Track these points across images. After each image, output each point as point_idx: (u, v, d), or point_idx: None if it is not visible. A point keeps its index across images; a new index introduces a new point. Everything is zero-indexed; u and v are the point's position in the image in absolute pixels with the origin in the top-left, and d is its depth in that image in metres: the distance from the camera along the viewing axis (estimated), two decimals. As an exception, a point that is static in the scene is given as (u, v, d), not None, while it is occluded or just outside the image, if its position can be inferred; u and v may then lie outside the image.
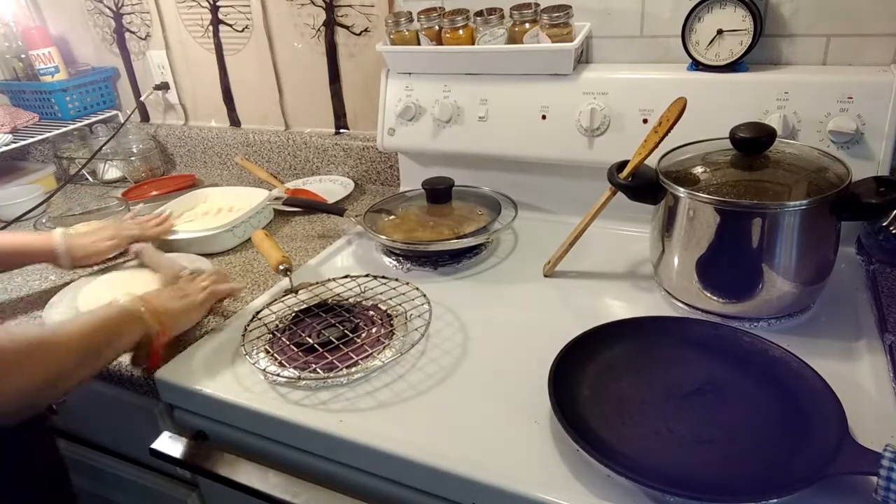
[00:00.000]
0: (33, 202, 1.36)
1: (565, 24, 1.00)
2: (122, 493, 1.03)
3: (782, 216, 0.72)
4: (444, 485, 0.62)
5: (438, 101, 1.11)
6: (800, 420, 0.61)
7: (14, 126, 1.50)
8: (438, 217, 1.05)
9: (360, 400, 0.71)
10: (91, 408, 0.96)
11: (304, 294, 0.91)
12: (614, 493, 0.57)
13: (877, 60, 0.90)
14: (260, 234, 0.99)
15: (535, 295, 0.90)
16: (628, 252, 0.98)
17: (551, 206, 1.13)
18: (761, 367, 0.68)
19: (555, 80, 1.03)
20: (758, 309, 0.77)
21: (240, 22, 1.41)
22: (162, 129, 1.63)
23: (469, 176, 1.15)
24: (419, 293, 0.87)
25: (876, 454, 0.53)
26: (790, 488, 0.53)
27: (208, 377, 0.78)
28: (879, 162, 0.86)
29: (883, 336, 0.73)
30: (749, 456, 0.58)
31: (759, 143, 0.77)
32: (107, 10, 1.57)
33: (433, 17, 1.07)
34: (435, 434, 0.66)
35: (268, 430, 0.73)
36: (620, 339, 0.74)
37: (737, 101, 0.92)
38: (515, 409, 0.67)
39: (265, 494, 0.69)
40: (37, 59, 1.52)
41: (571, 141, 1.03)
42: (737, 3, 0.90)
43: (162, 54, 1.54)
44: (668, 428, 0.62)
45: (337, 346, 0.78)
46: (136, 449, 0.93)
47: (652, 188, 0.82)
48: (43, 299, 0.98)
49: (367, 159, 1.36)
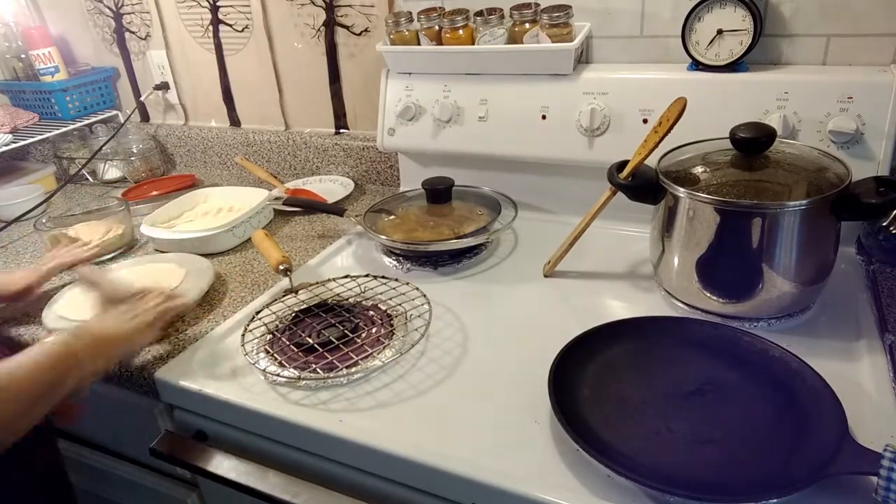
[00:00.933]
0: (33, 202, 1.36)
1: (565, 24, 1.00)
2: (122, 493, 1.03)
3: (782, 216, 0.72)
4: (444, 485, 0.62)
5: (438, 101, 1.11)
6: (800, 420, 0.61)
7: (14, 126, 1.50)
8: (438, 217, 1.05)
9: (360, 400, 0.71)
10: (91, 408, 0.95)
11: (304, 294, 0.91)
12: (614, 493, 0.57)
13: (877, 60, 0.90)
14: (260, 234, 0.99)
15: (535, 295, 0.90)
16: (628, 252, 0.98)
17: (551, 206, 1.13)
18: (761, 367, 0.68)
19: (555, 80, 1.03)
20: (758, 309, 0.77)
21: (240, 22, 1.41)
22: (162, 129, 1.63)
23: (469, 176, 1.15)
24: (419, 293, 0.87)
25: (876, 454, 0.53)
26: (790, 488, 0.53)
27: (208, 377, 0.78)
28: (879, 162, 0.86)
29: (883, 336, 0.73)
30: (749, 456, 0.58)
31: (759, 143, 0.77)
32: (107, 10, 1.57)
33: (433, 17, 1.07)
34: (435, 434, 0.66)
35: (268, 430, 0.73)
36: (620, 339, 0.74)
37: (737, 101, 0.92)
38: (515, 409, 0.67)
39: (265, 494, 0.69)
40: (37, 59, 1.52)
41: (571, 141, 1.03)
42: (737, 3, 0.90)
43: (162, 54, 1.54)
44: (668, 428, 0.62)
45: (337, 346, 0.78)
46: (136, 449, 0.93)
47: (652, 188, 0.82)
48: (43, 299, 0.98)
49: (367, 159, 1.36)
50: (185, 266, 1.00)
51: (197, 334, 0.87)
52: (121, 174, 1.53)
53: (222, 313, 0.92)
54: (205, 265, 1.01)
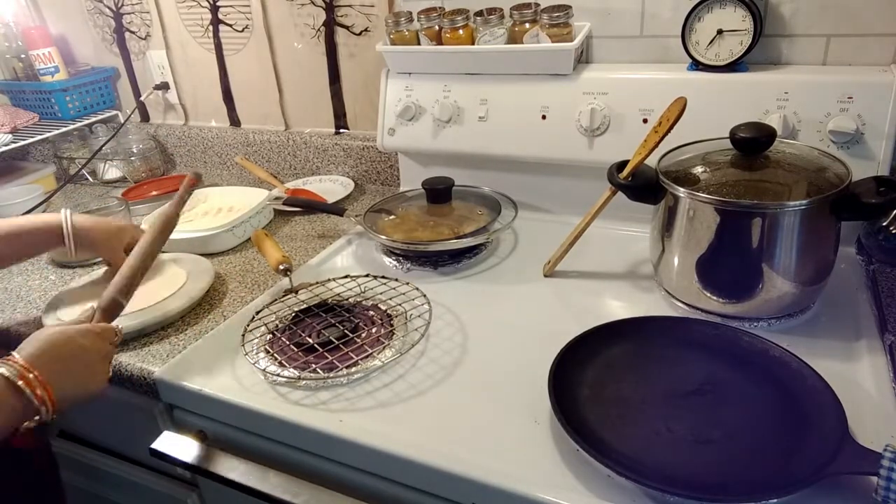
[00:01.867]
0: (33, 202, 1.36)
1: (565, 24, 1.00)
2: (122, 493, 1.03)
3: (782, 216, 0.72)
4: (444, 485, 0.62)
5: (438, 101, 1.11)
6: (800, 420, 0.61)
7: (14, 126, 1.50)
8: (438, 217, 1.05)
9: (360, 400, 0.71)
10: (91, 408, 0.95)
11: (304, 294, 0.91)
12: (614, 493, 0.57)
13: (877, 60, 0.90)
14: (260, 234, 0.99)
15: (534, 295, 0.90)
16: (628, 252, 0.98)
17: (551, 206, 1.13)
18: (761, 367, 0.68)
19: (555, 80, 1.03)
20: (758, 309, 0.77)
21: (240, 22, 1.41)
22: (162, 129, 1.63)
23: (469, 176, 1.15)
24: (419, 293, 0.87)
25: (876, 454, 0.53)
26: (790, 488, 0.53)
27: (208, 377, 0.78)
28: (879, 162, 0.86)
29: (883, 336, 0.73)
30: (749, 456, 0.58)
31: (759, 143, 0.77)
32: (107, 10, 1.57)
33: (433, 17, 1.07)
34: (435, 434, 0.66)
35: (268, 430, 0.73)
36: (620, 339, 0.74)
37: (737, 101, 0.92)
38: (515, 409, 0.67)
39: (265, 494, 0.69)
40: (37, 59, 1.52)
41: (571, 141, 1.03)
42: (737, 3, 0.90)
43: (162, 54, 1.54)
44: (668, 428, 0.62)
45: (337, 346, 0.78)
46: (136, 449, 0.93)
47: (652, 188, 0.82)
48: (43, 299, 0.98)
49: (367, 159, 1.36)
50: (185, 266, 1.00)
51: (197, 334, 0.87)
52: (121, 174, 1.53)
53: (222, 313, 0.92)
54: (205, 265, 1.01)
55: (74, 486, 1.05)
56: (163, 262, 1.03)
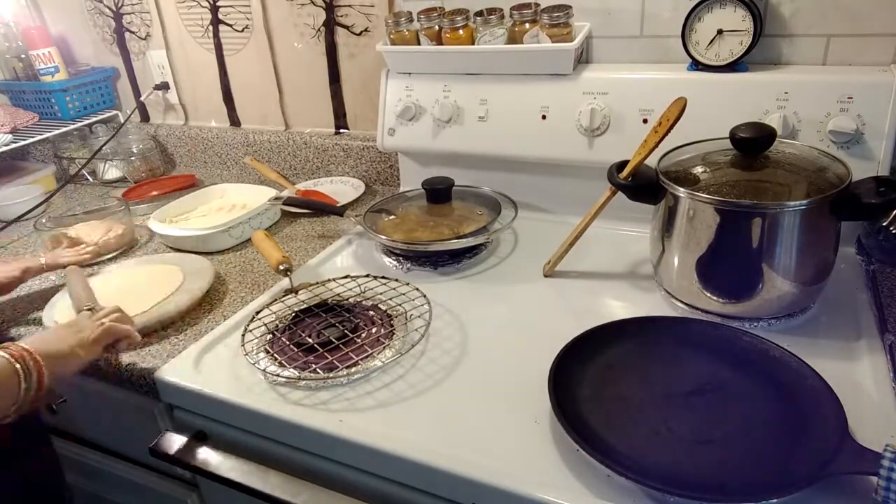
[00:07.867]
0: (33, 202, 1.36)
1: (565, 24, 1.00)
2: (122, 493, 1.03)
3: (782, 216, 0.72)
4: (444, 485, 0.62)
5: (438, 101, 1.11)
6: (800, 420, 0.61)
7: (14, 126, 1.50)
8: (438, 217, 1.05)
9: (360, 400, 0.71)
10: (91, 408, 0.96)
11: (304, 294, 0.91)
12: (614, 493, 0.57)
13: (877, 60, 0.90)
14: (260, 234, 0.99)
15: (535, 295, 0.90)
16: (628, 252, 0.98)
17: (551, 206, 1.13)
18: (761, 367, 0.68)
19: (555, 80, 1.03)
20: (758, 309, 0.77)
21: (240, 22, 1.41)
22: (162, 129, 1.63)
23: (469, 176, 1.15)
24: (419, 293, 0.87)
25: (876, 454, 0.53)
26: (790, 488, 0.53)
27: (208, 377, 0.78)
28: (879, 162, 0.86)
29: (883, 336, 0.73)
30: (749, 456, 0.58)
31: (759, 143, 0.77)
32: (107, 10, 1.57)
33: (433, 17, 1.07)
34: (435, 434, 0.66)
35: (268, 430, 0.73)
36: (620, 339, 0.74)
37: (737, 101, 0.92)
38: (515, 409, 0.67)
39: (265, 494, 0.69)
40: (37, 59, 1.52)
41: (571, 141, 1.03)
42: (737, 3, 0.90)
43: (162, 54, 1.54)
44: (668, 428, 0.62)
45: (337, 346, 0.78)
46: (136, 449, 0.93)
47: (652, 188, 0.82)
48: (43, 299, 0.98)
49: (367, 159, 1.36)
50: (185, 267, 1.00)
51: (197, 334, 0.87)
52: (121, 174, 1.53)
53: (222, 313, 0.92)
54: (204, 265, 1.01)
55: (74, 486, 1.05)
56: (162, 264, 1.04)
